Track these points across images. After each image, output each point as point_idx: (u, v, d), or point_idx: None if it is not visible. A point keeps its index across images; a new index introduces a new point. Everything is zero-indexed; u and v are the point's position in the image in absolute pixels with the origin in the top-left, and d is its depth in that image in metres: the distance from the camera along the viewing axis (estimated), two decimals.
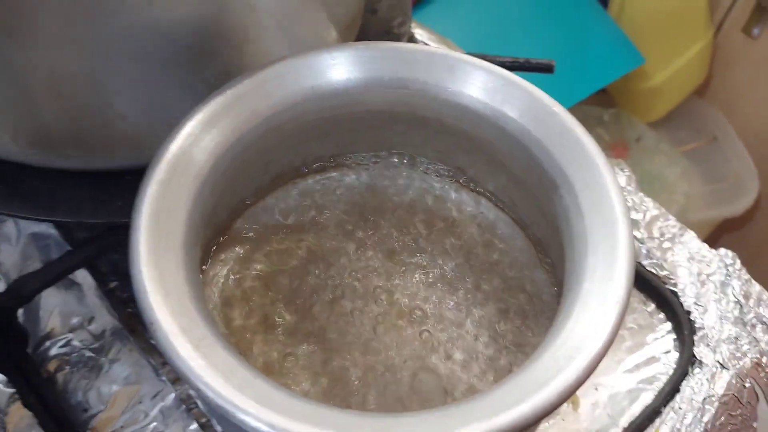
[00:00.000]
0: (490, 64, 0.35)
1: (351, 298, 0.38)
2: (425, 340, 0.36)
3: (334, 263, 0.39)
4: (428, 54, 0.36)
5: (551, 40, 0.82)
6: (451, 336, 0.36)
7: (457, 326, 0.36)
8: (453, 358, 0.35)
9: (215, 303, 0.36)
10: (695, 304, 0.45)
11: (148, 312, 0.26)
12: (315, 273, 0.38)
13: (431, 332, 0.36)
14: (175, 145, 0.31)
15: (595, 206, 0.31)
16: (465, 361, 0.35)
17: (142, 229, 0.28)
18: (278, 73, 0.35)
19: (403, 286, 0.38)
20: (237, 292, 0.37)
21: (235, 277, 0.38)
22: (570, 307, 0.28)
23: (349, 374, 0.35)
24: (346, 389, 0.34)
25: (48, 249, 0.48)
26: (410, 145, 0.41)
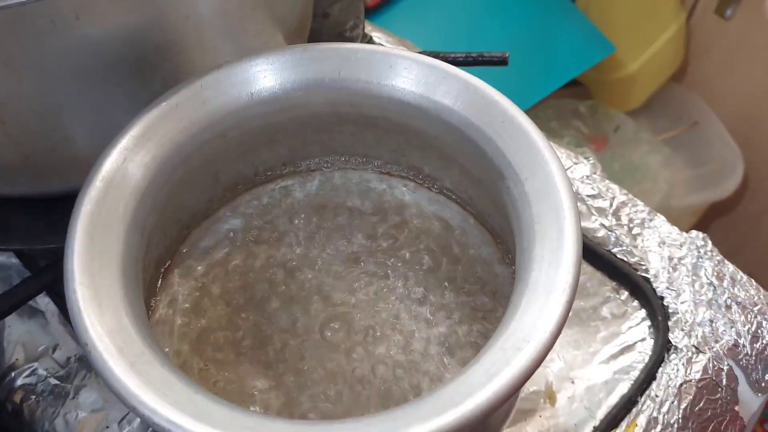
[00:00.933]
0: (430, 59, 0.35)
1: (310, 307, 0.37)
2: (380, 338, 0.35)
3: (293, 272, 0.38)
4: (368, 52, 0.35)
5: (518, 34, 0.81)
6: (411, 334, 0.35)
7: (419, 324, 0.36)
8: (411, 357, 0.34)
9: (171, 321, 0.35)
10: (668, 289, 0.44)
11: (83, 333, 0.26)
12: (275, 284, 0.37)
13: (391, 331, 0.36)
14: (108, 161, 0.31)
15: (541, 194, 0.30)
16: (423, 359, 0.34)
17: (76, 249, 0.28)
18: (215, 80, 0.34)
19: (366, 291, 0.38)
20: (193, 308, 0.36)
21: (190, 294, 0.37)
22: (519, 297, 0.28)
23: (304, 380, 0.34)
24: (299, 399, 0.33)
25: (10, 279, 0.48)
26: (362, 146, 0.40)
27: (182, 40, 0.35)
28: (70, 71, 0.34)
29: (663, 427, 0.39)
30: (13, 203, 0.41)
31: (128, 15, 0.33)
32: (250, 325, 0.36)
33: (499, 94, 0.33)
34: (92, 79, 0.34)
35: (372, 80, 0.35)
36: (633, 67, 1.03)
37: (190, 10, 0.34)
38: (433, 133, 0.36)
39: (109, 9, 0.32)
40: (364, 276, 0.38)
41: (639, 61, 1.03)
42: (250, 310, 0.37)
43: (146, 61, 0.35)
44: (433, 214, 0.40)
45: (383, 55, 0.35)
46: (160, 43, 0.35)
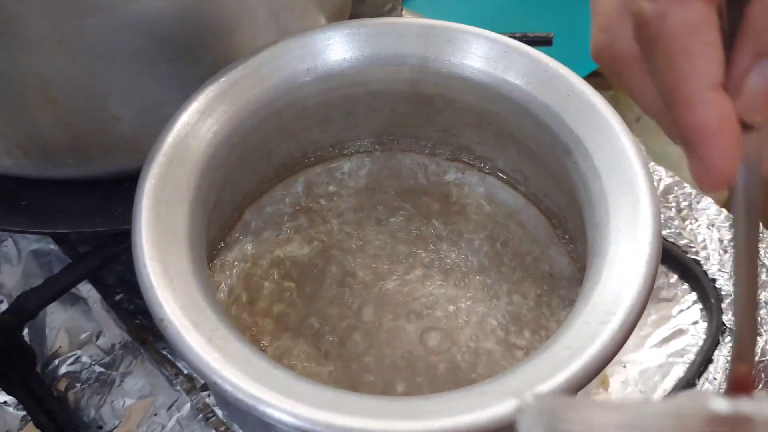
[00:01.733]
0: (490, 32, 0.34)
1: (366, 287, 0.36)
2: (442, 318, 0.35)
3: (346, 253, 0.37)
4: (426, 27, 0.34)
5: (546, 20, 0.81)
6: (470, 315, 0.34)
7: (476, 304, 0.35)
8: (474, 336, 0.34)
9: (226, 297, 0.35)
10: (719, 271, 0.44)
11: (157, 308, 0.25)
12: (327, 264, 0.37)
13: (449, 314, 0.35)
14: (170, 136, 0.30)
15: (612, 167, 0.29)
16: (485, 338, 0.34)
17: (143, 224, 0.27)
18: (272, 56, 0.34)
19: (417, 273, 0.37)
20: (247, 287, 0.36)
21: (244, 273, 0.36)
22: (597, 272, 0.27)
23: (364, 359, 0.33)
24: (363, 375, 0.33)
25: (50, 265, 0.47)
26: (413, 126, 0.39)
27: (234, 18, 0.35)
28: (121, 50, 0.33)
29: None
30: (58, 186, 0.41)
31: None
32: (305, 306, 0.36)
33: (563, 67, 0.32)
34: (143, 58, 0.34)
35: (430, 56, 0.35)
36: None
37: None
38: (492, 110, 0.35)
39: None
40: (414, 256, 0.38)
41: None
42: (303, 291, 0.36)
43: (197, 39, 0.35)
44: (484, 194, 0.39)
45: (443, 30, 0.34)
46: (212, 21, 0.34)
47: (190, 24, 0.33)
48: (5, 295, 0.46)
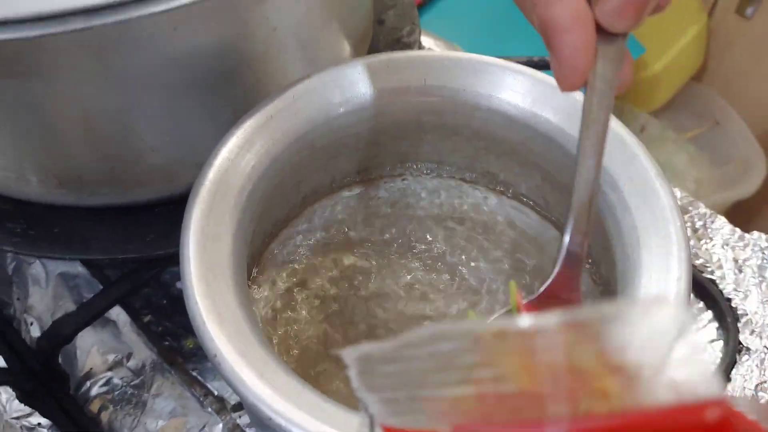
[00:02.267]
0: (518, 65, 0.35)
1: (391, 312, 0.37)
2: None
3: (371, 278, 0.38)
4: (454, 60, 0.35)
5: None
6: None
7: None
8: None
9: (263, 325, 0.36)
10: (735, 291, 0.45)
11: (209, 344, 0.26)
12: (354, 290, 0.38)
13: None
14: (212, 172, 0.31)
15: (641, 200, 0.30)
16: None
17: (192, 260, 0.28)
18: (306, 90, 0.35)
19: (444, 296, 0.38)
20: (277, 316, 0.37)
21: (274, 302, 0.37)
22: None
23: None
24: None
25: (78, 288, 0.48)
26: (437, 154, 0.41)
27: (268, 51, 0.36)
28: (162, 84, 0.34)
29: None
30: (90, 212, 0.41)
31: (222, 27, 0.33)
32: (334, 328, 0.37)
33: None
34: (181, 90, 0.35)
35: (458, 88, 0.36)
36: (658, 66, 1.04)
37: (278, 22, 0.35)
38: (518, 140, 0.36)
39: (206, 21, 0.32)
40: (439, 280, 0.39)
41: (663, 60, 1.04)
42: (332, 315, 0.37)
43: (232, 71, 0.36)
44: (508, 219, 0.40)
45: (471, 62, 0.35)
46: (247, 54, 0.35)
47: (226, 57, 0.34)
48: (35, 317, 0.47)
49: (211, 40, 0.33)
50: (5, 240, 0.40)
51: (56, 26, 0.26)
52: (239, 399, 0.43)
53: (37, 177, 0.38)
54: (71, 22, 0.26)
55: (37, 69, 0.31)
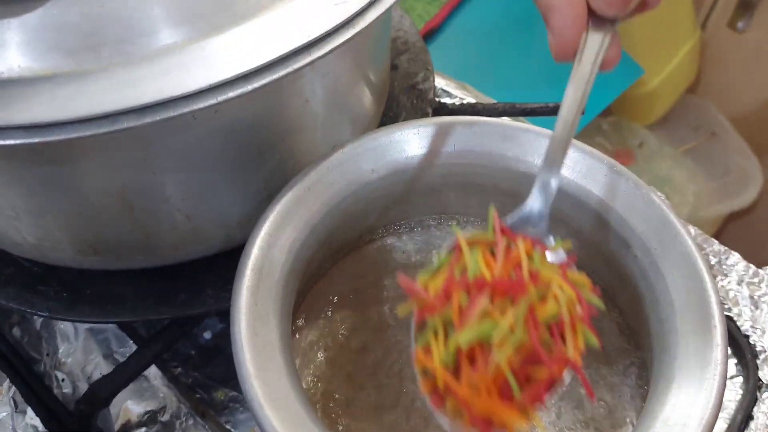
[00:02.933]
0: (544, 130, 0.36)
1: None
2: None
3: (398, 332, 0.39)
4: (483, 125, 0.36)
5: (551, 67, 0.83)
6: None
7: None
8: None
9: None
10: (752, 327, 0.46)
11: (269, 429, 0.27)
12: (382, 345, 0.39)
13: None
14: (256, 248, 0.32)
15: (674, 265, 0.32)
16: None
17: (245, 344, 0.29)
18: (340, 161, 0.35)
19: None
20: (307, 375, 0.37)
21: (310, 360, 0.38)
22: (669, 371, 0.29)
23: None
24: None
25: (107, 342, 0.49)
26: (463, 207, 0.41)
27: (300, 121, 0.37)
28: (201, 160, 0.35)
29: None
30: (120, 273, 0.42)
31: (258, 105, 0.34)
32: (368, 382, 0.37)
33: (620, 165, 0.34)
34: (219, 164, 0.36)
35: (485, 151, 0.37)
36: (654, 82, 1.05)
37: (309, 94, 0.36)
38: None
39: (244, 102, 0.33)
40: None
41: (660, 76, 1.05)
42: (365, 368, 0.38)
43: (267, 144, 0.36)
44: None
45: (496, 127, 0.36)
46: (281, 127, 0.36)
47: (261, 131, 0.35)
48: (66, 372, 0.48)
49: (247, 118, 0.34)
50: (40, 304, 0.41)
51: (106, 126, 0.27)
52: None
53: (72, 247, 0.39)
54: (122, 121, 0.27)
55: (81, 158, 0.32)
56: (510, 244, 0.29)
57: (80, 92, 0.27)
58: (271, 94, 0.34)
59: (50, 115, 0.26)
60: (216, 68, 0.28)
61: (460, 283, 0.27)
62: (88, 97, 0.27)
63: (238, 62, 0.28)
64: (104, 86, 0.27)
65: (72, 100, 0.26)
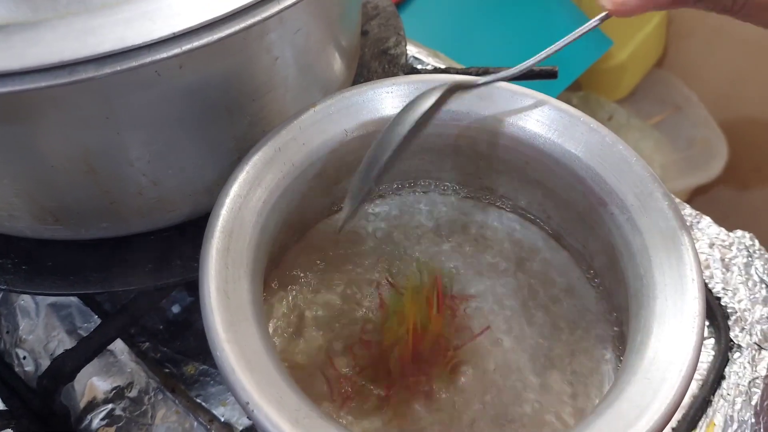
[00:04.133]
0: (522, 88, 0.35)
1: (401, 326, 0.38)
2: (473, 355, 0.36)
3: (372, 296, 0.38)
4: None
5: (523, 36, 0.83)
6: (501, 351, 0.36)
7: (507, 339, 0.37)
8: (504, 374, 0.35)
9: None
10: (723, 290, 0.46)
11: (241, 393, 0.26)
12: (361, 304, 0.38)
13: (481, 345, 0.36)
14: (225, 209, 0.31)
15: (651, 221, 0.31)
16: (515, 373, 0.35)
17: (214, 306, 0.28)
18: (312, 120, 0.34)
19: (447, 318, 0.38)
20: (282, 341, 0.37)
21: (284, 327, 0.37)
22: (647, 326, 0.29)
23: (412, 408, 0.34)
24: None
25: (71, 318, 0.47)
26: (437, 171, 0.41)
27: (270, 81, 0.35)
28: (166, 119, 0.33)
29: (738, 425, 0.41)
30: (85, 244, 0.40)
31: (226, 61, 0.32)
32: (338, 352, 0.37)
33: (596, 122, 0.34)
34: (186, 124, 0.34)
35: (461, 110, 0.36)
36: (623, 56, 1.05)
37: (279, 51, 0.34)
38: (523, 160, 0.36)
39: (211, 56, 0.32)
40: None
41: (628, 50, 1.06)
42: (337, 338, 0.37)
43: (236, 103, 0.35)
44: (507, 231, 0.41)
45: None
46: (250, 85, 0.35)
47: (230, 90, 0.34)
48: (27, 350, 0.46)
49: (215, 75, 0.33)
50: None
51: (64, 77, 0.25)
52: (247, 424, 0.42)
53: (31, 214, 0.37)
54: (80, 71, 0.26)
55: (39, 114, 0.30)
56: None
57: (36, 41, 0.25)
58: (240, 50, 0.32)
59: (3, 64, 0.24)
60: (180, 17, 0.26)
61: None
62: (45, 45, 0.25)
63: (203, 11, 0.27)
64: (62, 34, 0.25)
65: (27, 48, 0.25)
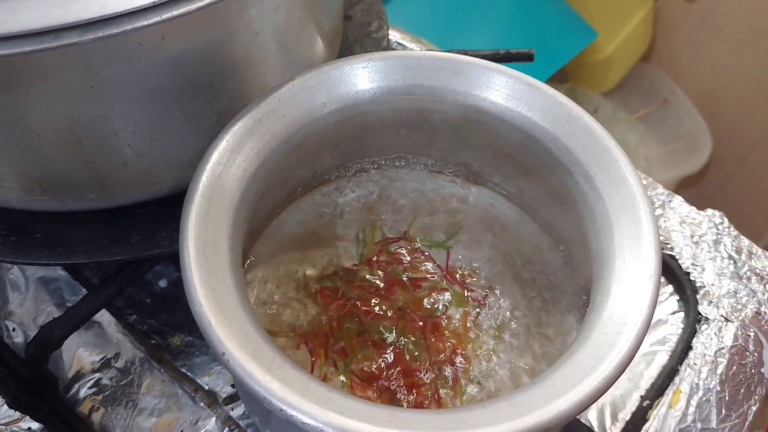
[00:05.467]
0: (493, 64, 0.37)
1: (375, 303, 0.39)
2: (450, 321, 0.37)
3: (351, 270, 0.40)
4: (433, 59, 0.37)
5: (509, 25, 0.84)
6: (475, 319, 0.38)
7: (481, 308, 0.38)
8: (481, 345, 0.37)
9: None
10: (693, 265, 0.48)
11: (218, 344, 0.27)
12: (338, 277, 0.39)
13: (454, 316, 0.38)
14: (205, 176, 0.32)
15: (612, 189, 0.33)
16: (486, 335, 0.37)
17: (193, 265, 0.29)
18: (291, 93, 0.36)
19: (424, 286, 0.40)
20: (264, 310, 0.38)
21: (260, 296, 0.38)
22: (606, 286, 0.30)
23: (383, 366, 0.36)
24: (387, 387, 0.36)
25: (59, 291, 0.48)
26: (415, 146, 0.42)
27: (250, 55, 0.37)
28: (150, 90, 0.34)
29: (704, 393, 0.43)
30: (70, 216, 0.42)
31: (207, 34, 0.34)
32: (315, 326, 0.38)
33: (563, 96, 0.35)
34: (169, 96, 0.35)
35: (436, 86, 0.37)
36: (609, 49, 1.07)
37: (260, 27, 0.36)
38: (494, 134, 0.38)
39: (192, 29, 0.33)
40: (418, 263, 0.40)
41: (614, 43, 1.07)
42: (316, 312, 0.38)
43: (218, 76, 0.36)
44: (481, 205, 0.42)
45: (447, 62, 0.37)
46: (231, 59, 0.36)
47: (211, 63, 0.35)
48: (17, 323, 0.47)
49: (196, 48, 0.34)
50: None
51: (48, 41, 0.27)
52: (231, 392, 0.44)
53: (19, 184, 0.38)
54: (64, 37, 0.27)
55: (23, 82, 0.31)
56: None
57: (21, 8, 0.26)
58: (220, 24, 0.34)
59: None
60: None
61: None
62: (30, 12, 0.26)
63: None
64: (46, 2, 0.27)
65: (12, 14, 0.26)
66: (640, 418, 0.42)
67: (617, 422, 0.43)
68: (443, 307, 0.38)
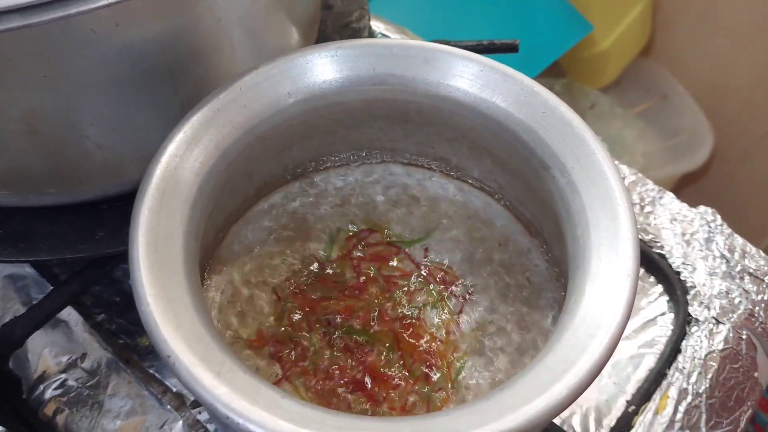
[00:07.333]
0: (466, 52, 0.35)
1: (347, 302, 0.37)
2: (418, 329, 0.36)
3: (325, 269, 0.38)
4: (403, 47, 0.35)
5: (501, 17, 0.82)
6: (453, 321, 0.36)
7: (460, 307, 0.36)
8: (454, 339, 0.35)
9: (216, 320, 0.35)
10: (683, 264, 0.46)
11: (163, 345, 0.26)
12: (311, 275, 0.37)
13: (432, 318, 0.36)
14: (160, 168, 0.30)
15: (590, 183, 0.31)
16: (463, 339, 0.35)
17: (141, 260, 0.27)
18: (253, 82, 0.34)
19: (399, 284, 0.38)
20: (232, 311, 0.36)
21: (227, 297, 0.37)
22: (581, 285, 0.29)
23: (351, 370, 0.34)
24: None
25: (27, 289, 0.47)
26: (389, 140, 0.40)
27: (213, 43, 0.35)
28: (107, 80, 0.33)
29: (693, 398, 0.41)
30: (34, 212, 0.40)
31: (165, 20, 0.32)
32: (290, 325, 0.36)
33: (539, 85, 0.33)
34: (127, 86, 0.34)
35: (407, 75, 0.36)
36: (606, 43, 1.05)
37: (222, 13, 0.34)
38: (468, 125, 0.36)
39: (148, 15, 0.31)
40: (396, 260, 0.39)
41: (611, 37, 1.05)
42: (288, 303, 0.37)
43: (179, 65, 0.35)
44: (461, 202, 0.41)
45: (418, 50, 0.35)
46: (193, 47, 0.34)
47: (171, 51, 0.33)
48: None
49: (154, 35, 0.32)
50: None
51: None
52: None
53: None
54: (7, 20, 0.25)
55: None
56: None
57: None
58: (178, 9, 0.32)
59: None
60: None
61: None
62: None
63: None
64: None
65: None
66: (624, 424, 0.40)
67: (602, 428, 0.41)
68: (417, 309, 0.37)
